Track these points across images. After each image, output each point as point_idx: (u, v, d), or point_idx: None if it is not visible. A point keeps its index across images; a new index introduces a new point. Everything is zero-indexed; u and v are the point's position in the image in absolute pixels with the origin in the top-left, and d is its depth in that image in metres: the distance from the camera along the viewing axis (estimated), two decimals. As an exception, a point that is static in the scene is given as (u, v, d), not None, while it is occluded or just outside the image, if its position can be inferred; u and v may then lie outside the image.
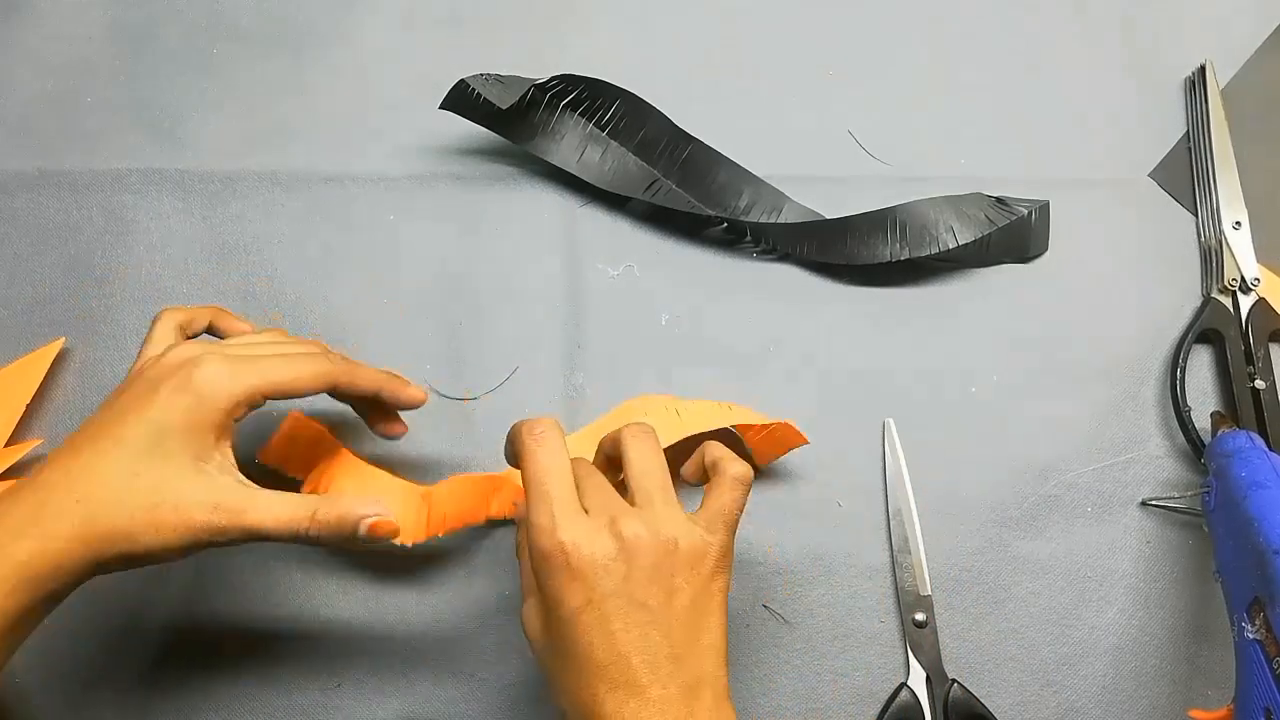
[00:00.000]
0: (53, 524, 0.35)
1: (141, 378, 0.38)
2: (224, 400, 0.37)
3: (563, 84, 0.52)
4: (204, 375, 0.37)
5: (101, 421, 0.37)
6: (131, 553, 0.36)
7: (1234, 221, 0.53)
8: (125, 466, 0.35)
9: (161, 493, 0.36)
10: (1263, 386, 0.50)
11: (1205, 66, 0.55)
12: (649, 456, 0.39)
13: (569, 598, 0.35)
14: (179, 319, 0.43)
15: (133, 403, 0.37)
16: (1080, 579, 0.49)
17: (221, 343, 0.40)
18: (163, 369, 0.38)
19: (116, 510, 0.35)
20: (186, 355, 0.38)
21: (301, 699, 0.47)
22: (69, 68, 0.56)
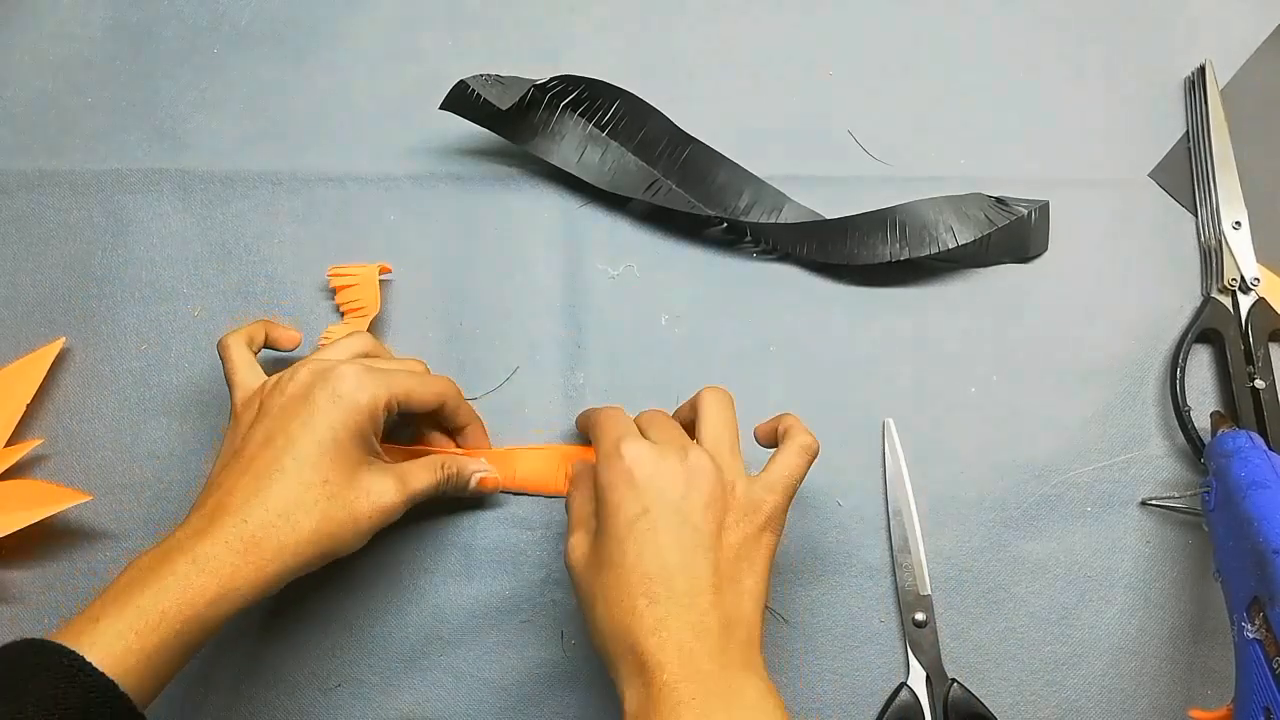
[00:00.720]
0: (255, 536, 0.38)
1: (281, 399, 0.41)
2: (372, 404, 0.41)
3: (563, 84, 0.52)
4: (351, 385, 0.41)
5: (264, 445, 0.40)
6: (335, 550, 0.40)
7: (1234, 221, 0.53)
8: (315, 478, 0.39)
9: (354, 491, 0.41)
10: (1262, 386, 0.50)
11: (1205, 67, 0.55)
12: (723, 414, 0.42)
13: (626, 505, 0.37)
14: (244, 339, 0.46)
15: (291, 424, 0.40)
16: (1080, 579, 0.49)
17: (339, 350, 0.44)
18: (302, 387, 0.41)
19: (319, 517, 0.39)
20: (322, 370, 0.41)
21: (301, 699, 0.47)
22: (69, 68, 0.56)
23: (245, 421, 0.42)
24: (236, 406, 0.43)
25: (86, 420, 0.51)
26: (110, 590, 0.36)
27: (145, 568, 0.37)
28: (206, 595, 0.36)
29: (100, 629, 0.34)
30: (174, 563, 0.36)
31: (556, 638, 0.48)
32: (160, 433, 0.50)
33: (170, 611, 0.35)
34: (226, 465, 0.41)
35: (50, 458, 0.50)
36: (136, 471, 0.50)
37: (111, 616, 0.35)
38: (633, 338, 0.52)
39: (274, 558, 0.38)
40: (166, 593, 0.35)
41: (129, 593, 0.36)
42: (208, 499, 0.39)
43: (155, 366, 0.51)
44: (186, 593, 0.36)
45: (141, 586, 0.36)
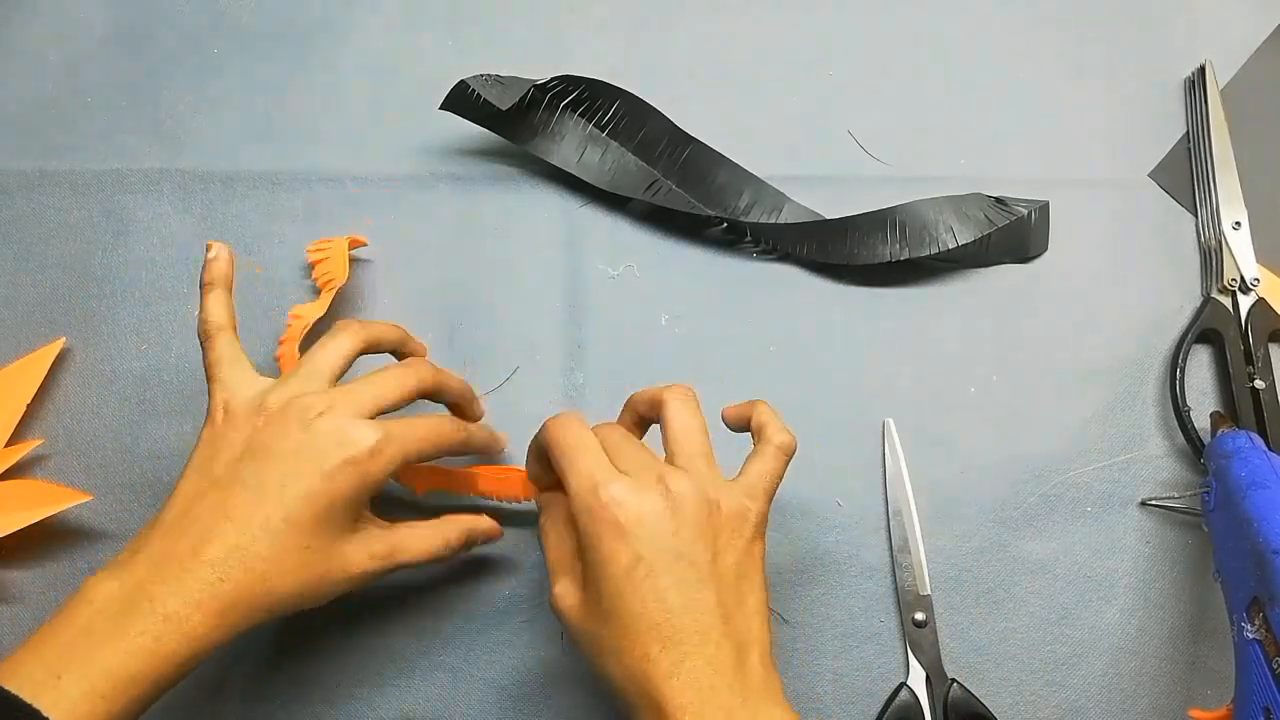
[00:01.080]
0: (231, 597, 0.36)
1: (282, 442, 0.38)
2: (382, 475, 0.39)
3: (563, 84, 0.52)
4: (368, 454, 0.38)
5: (253, 492, 0.37)
6: (301, 607, 0.39)
7: (1234, 222, 0.53)
8: (298, 542, 0.37)
9: (332, 558, 0.39)
10: (1262, 386, 0.50)
11: (1205, 67, 0.55)
12: (693, 422, 0.39)
13: (619, 555, 0.35)
14: (365, 339, 0.43)
15: (288, 479, 0.37)
16: (1080, 579, 0.49)
17: (360, 397, 0.40)
18: (311, 436, 0.38)
19: (292, 580, 0.37)
20: (337, 427, 0.38)
21: (301, 699, 0.47)
22: (69, 68, 0.56)
23: (232, 443, 0.39)
24: (218, 411, 0.40)
25: (86, 420, 0.51)
26: (63, 632, 0.34)
27: (109, 615, 0.34)
28: (178, 658, 0.35)
29: (64, 688, 0.32)
30: (142, 618, 0.34)
31: (556, 638, 0.48)
32: (160, 433, 0.50)
33: (140, 675, 0.34)
34: (204, 495, 0.38)
35: (50, 458, 0.50)
36: (136, 471, 0.50)
37: (75, 674, 0.33)
38: (633, 338, 0.52)
39: (245, 618, 0.36)
40: (136, 655, 0.34)
41: (91, 644, 0.34)
42: (181, 533, 0.37)
43: (155, 366, 0.51)
44: (156, 657, 0.34)
45: (107, 641, 0.34)
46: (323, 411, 0.38)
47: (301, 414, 0.38)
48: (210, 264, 0.43)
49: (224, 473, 0.38)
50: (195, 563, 0.36)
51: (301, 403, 0.38)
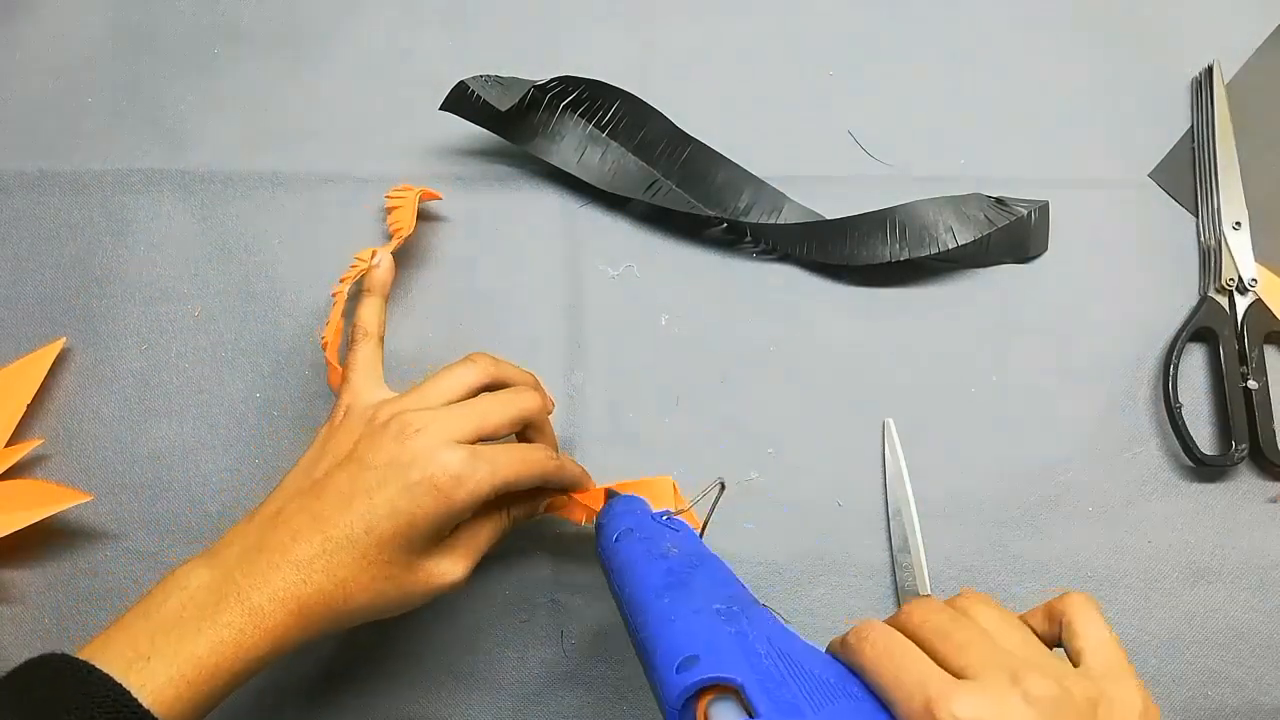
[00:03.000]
0: (311, 600, 0.36)
1: (379, 455, 0.38)
2: (467, 500, 0.38)
3: (562, 85, 0.52)
4: (455, 480, 0.37)
5: (344, 500, 0.37)
6: (381, 616, 0.39)
7: (1234, 222, 0.53)
8: (379, 556, 0.37)
9: (413, 574, 0.39)
10: (1255, 387, 0.50)
11: (1213, 67, 0.55)
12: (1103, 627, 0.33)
13: None
14: (492, 377, 0.42)
15: (377, 494, 0.37)
16: (1080, 579, 0.49)
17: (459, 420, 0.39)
18: (406, 454, 0.38)
19: (371, 592, 0.38)
20: (433, 445, 0.38)
21: (301, 699, 0.47)
22: (70, 68, 0.56)
23: (338, 446, 0.40)
24: (339, 412, 0.41)
25: (86, 420, 0.51)
26: (155, 614, 0.35)
27: (200, 603, 0.35)
28: (259, 652, 0.35)
29: (152, 670, 0.33)
30: (229, 610, 0.35)
31: (556, 638, 0.48)
32: (160, 433, 0.50)
33: (224, 666, 0.34)
34: (301, 493, 0.39)
35: (50, 458, 0.50)
36: (136, 471, 0.50)
37: (165, 658, 0.34)
38: (633, 338, 0.52)
39: (321, 622, 0.37)
40: (223, 646, 0.34)
41: (181, 630, 0.34)
42: (273, 529, 0.37)
43: (155, 366, 0.51)
44: (240, 649, 0.35)
45: (196, 629, 0.35)
46: (420, 429, 0.38)
47: (400, 429, 0.38)
48: (371, 271, 0.46)
49: (322, 475, 0.39)
50: (283, 560, 0.36)
51: (403, 418, 0.39)
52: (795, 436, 0.51)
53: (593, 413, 0.51)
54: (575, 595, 0.49)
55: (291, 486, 0.39)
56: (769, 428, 0.51)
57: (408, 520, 0.37)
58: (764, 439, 0.51)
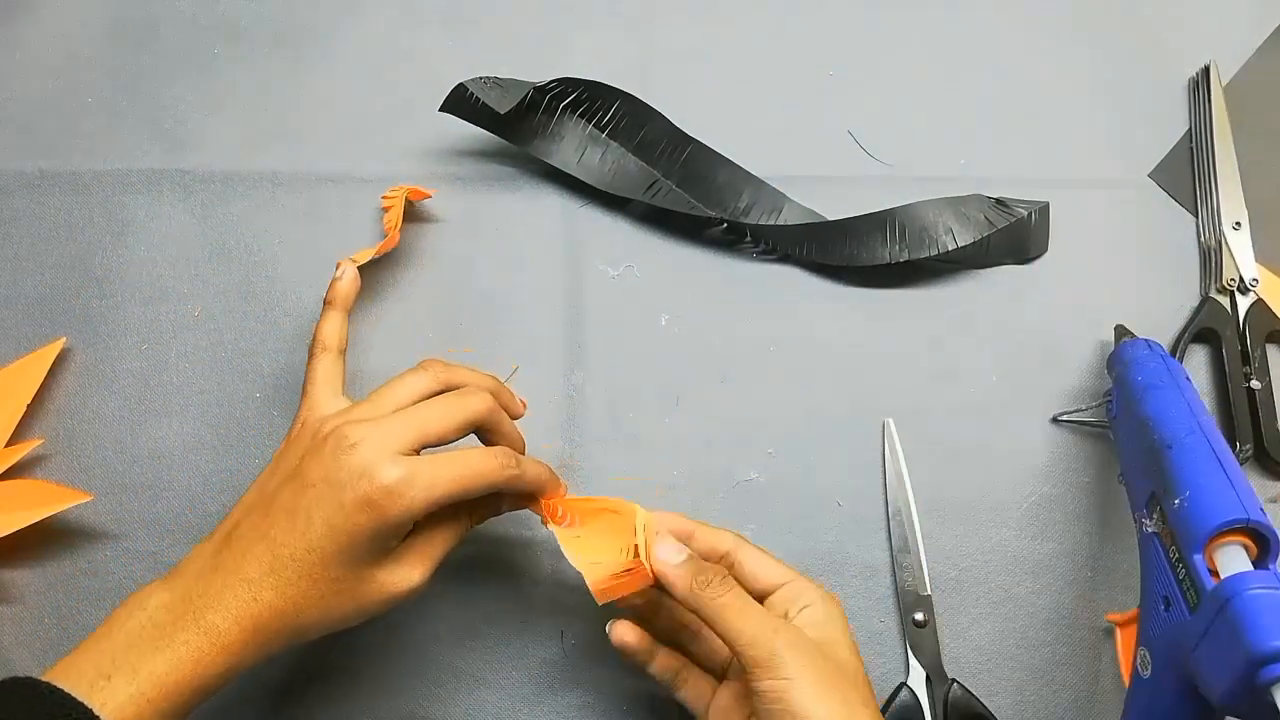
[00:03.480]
0: (264, 617, 0.37)
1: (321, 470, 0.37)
2: (407, 518, 0.37)
3: (562, 86, 0.52)
4: (387, 494, 0.36)
5: (289, 516, 0.37)
6: (339, 628, 0.39)
7: (1234, 222, 0.53)
8: (324, 573, 0.37)
9: (365, 585, 0.38)
10: (1258, 387, 0.50)
11: (1210, 67, 0.55)
12: None
13: None
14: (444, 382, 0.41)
15: (317, 510, 0.37)
16: (1080, 579, 0.49)
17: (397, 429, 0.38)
18: (345, 472, 0.37)
19: (321, 607, 0.38)
20: (367, 460, 0.37)
21: (301, 699, 0.47)
22: (70, 68, 0.56)
23: (288, 461, 0.39)
24: (295, 426, 0.41)
25: (86, 420, 0.51)
26: (116, 634, 0.36)
27: (158, 622, 0.36)
28: (216, 669, 0.36)
29: (114, 689, 0.34)
30: (185, 628, 0.36)
31: (556, 638, 0.48)
32: (160, 433, 0.50)
33: (182, 683, 0.35)
34: (252, 511, 0.39)
35: (50, 458, 0.50)
36: (136, 471, 0.50)
37: (125, 677, 0.34)
38: (633, 338, 0.52)
39: (277, 638, 0.37)
40: (180, 664, 0.35)
41: (140, 650, 0.35)
42: (226, 548, 0.38)
43: (155, 366, 0.51)
44: (198, 666, 0.35)
45: (155, 647, 0.35)
46: (355, 443, 0.37)
47: (338, 443, 0.38)
48: (333, 283, 0.45)
49: (272, 491, 0.39)
50: (235, 579, 0.37)
51: (341, 431, 0.38)
52: (795, 436, 0.51)
53: (593, 413, 0.51)
54: (575, 595, 0.49)
55: (246, 503, 0.39)
56: (769, 428, 0.51)
57: (347, 538, 0.37)
58: (764, 439, 0.51)
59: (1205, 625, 0.34)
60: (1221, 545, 0.36)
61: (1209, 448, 0.39)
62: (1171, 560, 0.37)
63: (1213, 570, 0.36)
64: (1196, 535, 0.36)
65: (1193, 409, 0.41)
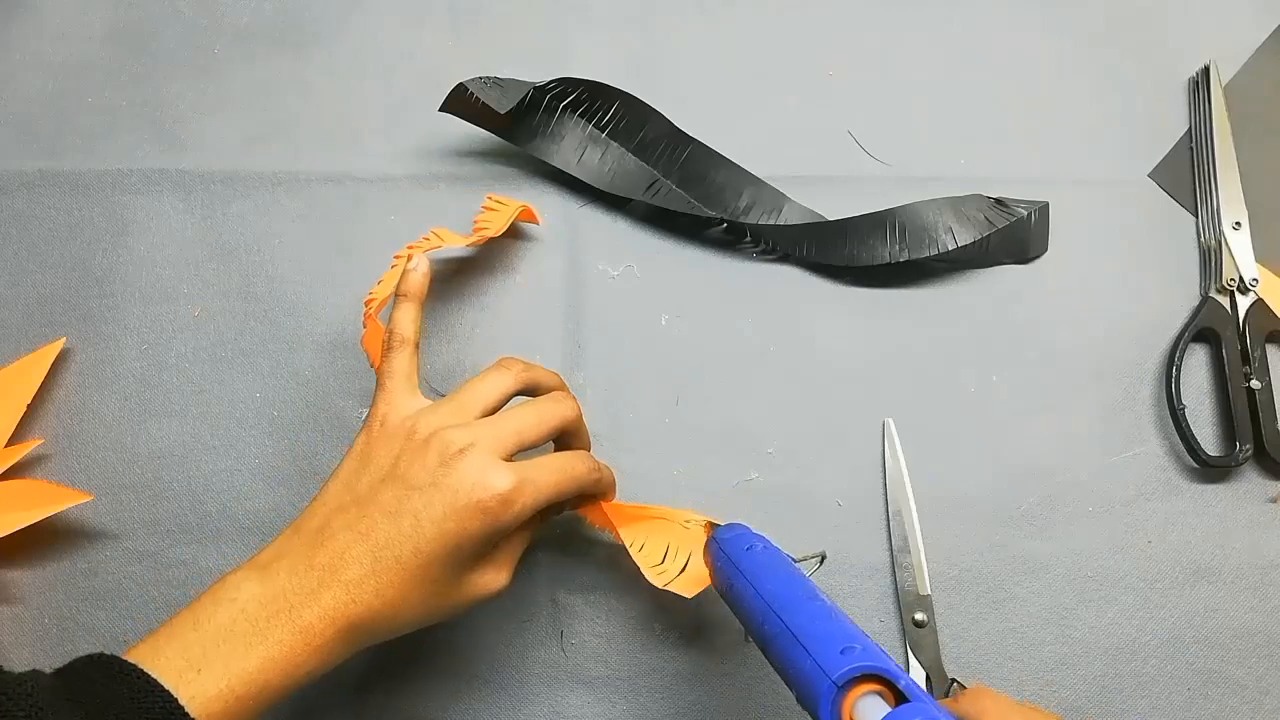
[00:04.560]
0: (360, 618, 0.37)
1: (424, 474, 0.38)
2: (513, 521, 0.38)
3: (562, 86, 0.52)
4: (501, 501, 0.37)
5: (390, 517, 0.37)
6: (423, 626, 0.39)
7: (1234, 222, 0.53)
8: (424, 575, 0.37)
9: (459, 589, 0.39)
10: (1258, 387, 0.50)
11: (1210, 67, 0.55)
12: None
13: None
14: (525, 382, 0.42)
15: (423, 514, 0.37)
16: (1080, 579, 0.49)
17: (500, 436, 0.39)
18: (451, 477, 0.37)
19: (419, 610, 0.38)
20: (478, 467, 0.38)
21: (301, 699, 0.47)
22: (69, 68, 0.56)
23: (379, 461, 0.39)
24: (375, 423, 0.41)
25: (86, 420, 0.51)
26: (207, 625, 0.35)
27: (251, 618, 0.35)
28: (306, 669, 0.36)
29: (202, 682, 0.34)
30: (280, 626, 0.35)
31: (556, 638, 0.48)
32: (160, 433, 0.50)
33: (273, 683, 0.35)
34: (345, 509, 0.38)
35: (50, 458, 0.50)
36: (136, 471, 0.50)
37: (216, 672, 0.34)
38: (633, 338, 0.52)
39: (368, 638, 0.37)
40: (273, 663, 0.35)
41: (233, 645, 0.35)
42: (320, 546, 0.37)
43: (155, 366, 0.51)
44: (290, 665, 0.35)
45: (247, 645, 0.35)
46: (463, 449, 0.38)
47: (443, 449, 0.38)
48: (408, 274, 0.44)
49: (366, 491, 0.38)
50: (332, 579, 0.36)
51: (444, 436, 0.38)
52: (795, 436, 0.51)
53: (593, 413, 0.51)
54: (575, 595, 0.49)
55: (334, 500, 0.39)
56: (769, 428, 0.51)
57: (455, 542, 0.37)
58: (764, 439, 0.51)
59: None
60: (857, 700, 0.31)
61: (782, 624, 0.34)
62: None
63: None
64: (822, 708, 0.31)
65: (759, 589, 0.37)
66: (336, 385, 0.51)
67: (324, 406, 0.51)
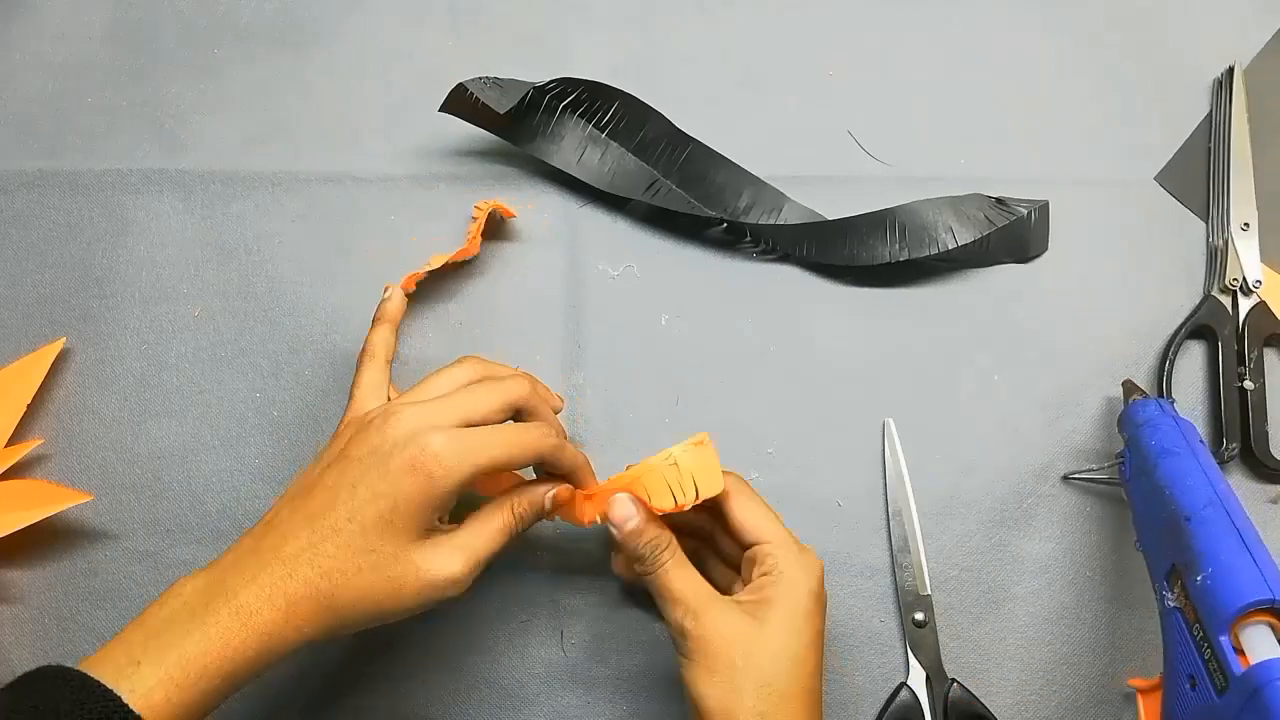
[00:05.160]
0: (298, 594, 0.36)
1: (362, 450, 0.38)
2: (453, 484, 0.38)
3: (562, 86, 0.52)
4: (434, 458, 0.37)
5: (330, 496, 0.38)
6: (376, 617, 0.38)
7: (1243, 223, 0.53)
8: (362, 544, 0.37)
9: (401, 565, 0.37)
10: (1251, 388, 0.50)
11: (1234, 68, 0.55)
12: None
13: None
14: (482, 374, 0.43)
15: (360, 483, 0.38)
16: (1080, 579, 0.49)
17: (442, 407, 0.39)
18: (386, 443, 0.38)
19: (357, 584, 0.37)
20: (411, 433, 0.38)
21: (301, 699, 0.47)
22: (69, 68, 0.56)
23: (330, 452, 0.40)
24: (340, 424, 0.42)
25: (86, 420, 0.51)
26: (150, 620, 0.36)
27: (191, 606, 0.36)
28: (247, 653, 0.35)
29: (142, 674, 0.34)
30: (218, 610, 0.35)
31: (556, 638, 0.48)
32: (160, 433, 0.50)
33: (211, 667, 0.35)
34: (293, 500, 0.39)
35: (50, 458, 0.50)
36: (136, 471, 0.50)
37: (153, 661, 0.34)
38: (633, 338, 0.52)
39: (311, 618, 0.37)
40: (210, 645, 0.35)
41: (171, 633, 0.35)
42: (266, 534, 0.38)
43: (155, 366, 0.51)
44: (228, 648, 0.35)
45: (185, 630, 0.35)
46: (402, 417, 0.39)
47: (383, 421, 0.39)
48: (382, 303, 0.47)
49: (316, 477, 0.39)
50: (271, 558, 0.37)
51: (385, 410, 0.39)
52: (795, 436, 0.51)
53: (593, 413, 0.51)
54: (575, 595, 0.49)
55: (288, 495, 0.40)
56: (769, 428, 0.51)
57: (389, 504, 0.37)
58: (764, 439, 0.51)
59: (1236, 711, 0.33)
60: (1248, 625, 0.35)
61: (1229, 520, 0.38)
62: (1196, 638, 0.36)
63: (1239, 649, 0.35)
64: (1221, 616, 0.35)
65: (1210, 477, 0.40)
66: (336, 385, 0.51)
67: (323, 407, 0.51)
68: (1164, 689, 0.39)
